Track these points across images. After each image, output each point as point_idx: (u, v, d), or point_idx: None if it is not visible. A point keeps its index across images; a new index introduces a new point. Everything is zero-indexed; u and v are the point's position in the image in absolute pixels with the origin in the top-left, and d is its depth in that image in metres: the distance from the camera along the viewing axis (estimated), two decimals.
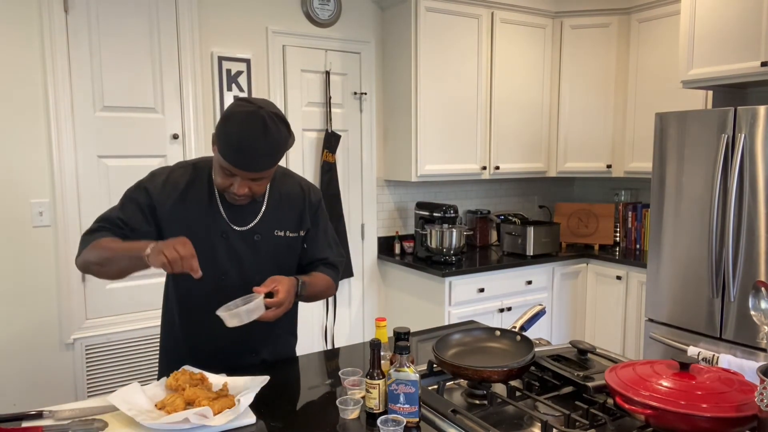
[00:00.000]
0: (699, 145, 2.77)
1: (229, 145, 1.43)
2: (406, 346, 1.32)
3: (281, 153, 1.49)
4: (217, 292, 1.59)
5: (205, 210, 1.60)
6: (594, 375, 1.47)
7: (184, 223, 1.58)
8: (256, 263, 1.64)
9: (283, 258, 1.69)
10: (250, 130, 1.42)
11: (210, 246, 1.59)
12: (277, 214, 1.66)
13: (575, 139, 3.91)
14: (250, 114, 1.43)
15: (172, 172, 1.63)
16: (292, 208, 1.69)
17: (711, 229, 2.71)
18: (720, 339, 2.72)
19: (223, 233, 1.61)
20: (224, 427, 1.30)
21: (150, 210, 1.59)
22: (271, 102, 1.52)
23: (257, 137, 1.42)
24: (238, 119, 1.43)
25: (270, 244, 1.65)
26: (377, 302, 3.77)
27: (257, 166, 1.46)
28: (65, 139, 2.74)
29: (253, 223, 1.63)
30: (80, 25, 2.74)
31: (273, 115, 1.45)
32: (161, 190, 1.59)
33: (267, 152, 1.45)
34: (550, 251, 3.68)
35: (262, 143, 1.43)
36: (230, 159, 1.44)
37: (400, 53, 3.47)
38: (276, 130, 1.45)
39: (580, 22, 3.81)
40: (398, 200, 3.82)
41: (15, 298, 2.70)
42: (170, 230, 1.57)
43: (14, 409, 2.67)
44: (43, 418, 1.36)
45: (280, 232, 1.66)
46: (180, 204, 1.59)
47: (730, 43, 2.86)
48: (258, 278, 1.57)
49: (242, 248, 1.62)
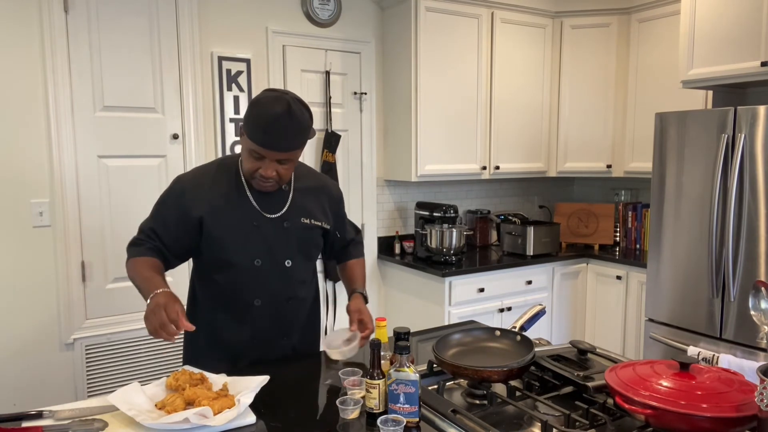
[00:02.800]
0: (699, 145, 2.77)
1: (258, 125, 1.53)
2: (406, 346, 1.32)
3: (306, 135, 1.59)
4: (251, 277, 1.70)
5: (236, 201, 1.68)
6: (594, 375, 1.47)
7: (218, 216, 1.66)
8: (285, 249, 1.72)
9: (309, 244, 1.79)
10: (277, 111, 1.52)
11: (243, 234, 1.67)
12: (303, 203, 1.76)
13: (575, 139, 3.91)
14: (276, 98, 1.54)
15: (198, 171, 1.74)
16: (316, 200, 1.80)
17: (711, 229, 2.71)
18: (720, 339, 2.72)
19: (255, 221, 1.68)
20: (224, 427, 1.30)
21: (181, 216, 1.67)
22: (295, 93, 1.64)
23: (284, 118, 1.52)
24: (265, 102, 1.54)
25: (298, 231, 1.74)
26: (377, 302, 3.77)
27: (284, 145, 1.56)
28: (65, 139, 2.74)
29: (283, 210, 1.72)
30: (80, 25, 2.74)
31: (297, 100, 1.57)
32: (191, 188, 1.69)
33: (293, 132, 1.55)
34: (550, 251, 3.68)
35: (288, 123, 1.53)
36: (259, 139, 1.54)
37: (400, 53, 3.47)
38: (301, 113, 1.55)
39: (580, 22, 3.81)
40: (398, 200, 3.82)
41: (15, 298, 2.70)
42: (207, 224, 1.66)
43: (14, 409, 2.67)
44: (43, 418, 1.36)
45: (306, 220, 1.75)
46: (210, 198, 1.67)
47: (730, 43, 2.86)
48: (289, 263, 1.73)
49: (273, 235, 1.70)
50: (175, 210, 1.68)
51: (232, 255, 1.68)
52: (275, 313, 1.74)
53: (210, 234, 1.67)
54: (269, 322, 1.74)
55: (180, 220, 1.67)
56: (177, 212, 1.67)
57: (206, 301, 1.76)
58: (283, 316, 1.76)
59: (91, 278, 2.84)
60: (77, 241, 2.80)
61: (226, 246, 1.67)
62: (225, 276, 1.70)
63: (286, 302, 1.75)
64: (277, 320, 1.75)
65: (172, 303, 1.46)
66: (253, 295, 1.71)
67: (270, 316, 1.74)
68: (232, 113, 3.15)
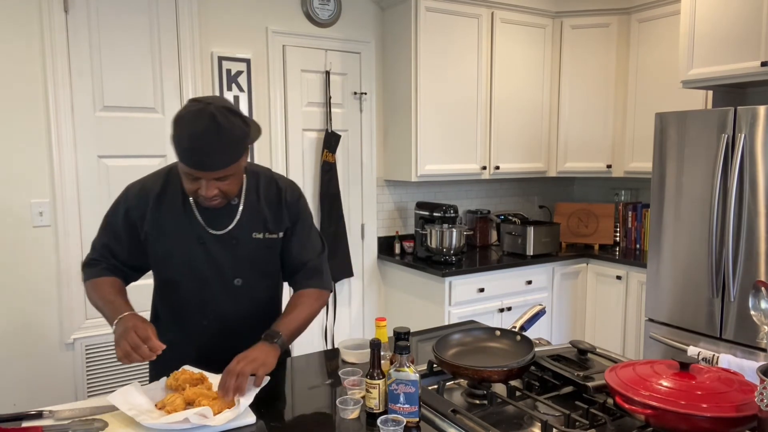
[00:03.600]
0: (699, 145, 2.77)
1: (183, 148, 1.39)
2: (406, 346, 1.32)
3: (240, 146, 1.44)
4: (198, 296, 1.61)
5: (181, 216, 1.58)
6: (594, 375, 1.47)
7: (162, 230, 1.58)
8: (235, 267, 1.61)
9: (263, 260, 1.65)
10: (200, 128, 1.37)
11: (188, 252, 1.58)
12: (254, 216, 1.62)
13: (575, 139, 3.91)
14: (197, 112, 1.38)
15: (145, 182, 1.62)
16: (270, 208, 1.64)
17: (711, 229, 2.71)
18: (720, 339, 2.72)
19: (200, 238, 1.58)
20: (224, 427, 1.30)
21: (129, 231, 1.60)
22: (222, 97, 1.49)
23: (209, 135, 1.37)
24: (186, 120, 1.39)
25: (249, 248, 1.61)
26: (377, 302, 3.77)
27: (215, 164, 1.40)
28: (65, 139, 2.74)
29: (231, 226, 1.59)
30: (80, 25, 2.74)
31: (223, 109, 1.40)
32: (136, 204, 1.59)
33: (222, 148, 1.39)
34: (550, 251, 3.68)
35: (215, 140, 1.38)
36: (187, 162, 1.40)
37: (400, 53, 3.47)
38: (228, 124, 1.39)
39: (580, 22, 3.81)
40: (398, 200, 3.82)
41: (15, 298, 2.70)
42: (151, 238, 1.59)
43: (14, 409, 2.67)
44: (43, 418, 1.36)
45: (258, 234, 1.62)
46: (156, 212, 1.58)
47: (730, 43, 2.86)
48: (240, 282, 1.61)
49: (221, 253, 1.59)
50: (124, 224, 1.60)
51: (177, 274, 1.60)
52: (227, 333, 1.62)
53: (155, 252, 1.60)
54: (219, 343, 1.60)
55: (130, 234, 1.60)
56: (126, 227, 1.60)
57: (164, 316, 1.70)
58: (236, 336, 1.59)
59: None
60: (77, 241, 2.80)
61: (171, 264, 1.60)
62: (173, 294, 1.63)
63: (240, 322, 1.63)
64: (230, 341, 1.58)
65: (141, 324, 1.41)
66: (200, 314, 1.62)
67: (221, 336, 1.62)
68: None
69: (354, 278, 3.64)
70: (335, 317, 3.59)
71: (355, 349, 1.74)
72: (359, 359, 1.72)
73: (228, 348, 1.57)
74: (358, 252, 3.66)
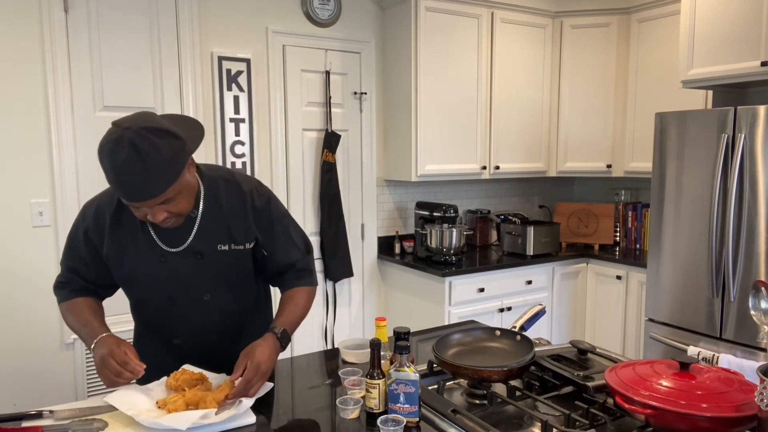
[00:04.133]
0: (699, 145, 2.77)
1: (111, 182, 1.29)
2: (406, 345, 1.32)
3: (174, 167, 1.30)
4: (167, 314, 1.57)
5: (138, 235, 1.50)
6: (594, 375, 1.47)
7: (122, 252, 1.51)
8: (204, 282, 1.53)
9: (233, 272, 1.57)
10: (121, 159, 1.25)
11: (151, 272, 1.50)
12: (216, 227, 1.52)
13: (575, 139, 3.91)
14: (116, 142, 1.26)
15: (100, 202, 1.54)
16: (234, 217, 1.53)
17: (711, 229, 2.71)
18: (720, 339, 2.72)
19: (161, 257, 1.50)
20: (224, 426, 1.30)
21: (91, 252, 1.55)
22: (147, 115, 1.32)
23: (132, 164, 1.25)
24: (107, 152, 1.27)
25: (215, 261, 1.52)
26: (377, 302, 3.77)
27: (149, 194, 1.29)
28: (65, 139, 2.74)
29: (188, 241, 1.49)
30: (80, 25, 2.74)
31: (143, 131, 1.26)
32: (94, 225, 1.52)
33: (151, 176, 1.27)
34: (550, 251, 3.68)
35: (140, 169, 1.25)
36: (120, 195, 1.31)
37: (400, 53, 3.47)
38: (151, 148, 1.25)
39: (580, 21, 3.81)
40: (398, 200, 3.82)
41: (15, 298, 2.70)
42: (112, 260, 1.53)
43: (14, 409, 2.67)
44: (43, 418, 1.36)
45: (224, 246, 1.52)
46: (113, 234, 1.50)
47: (730, 43, 2.86)
48: (209, 297, 1.54)
49: (185, 269, 1.51)
50: (85, 246, 1.54)
51: (143, 293, 1.55)
52: (200, 349, 1.58)
53: (118, 274, 1.54)
54: (197, 359, 1.56)
55: (94, 255, 1.54)
56: (88, 249, 1.54)
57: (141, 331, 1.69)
58: (211, 350, 1.57)
59: None
60: None
61: (136, 285, 1.54)
62: (143, 313, 1.60)
63: (214, 336, 1.58)
64: (206, 356, 1.56)
65: (116, 349, 1.37)
66: (171, 333, 1.58)
67: (197, 353, 1.58)
68: (232, 113, 3.14)
69: (354, 278, 3.64)
70: (335, 317, 3.59)
71: (355, 349, 1.74)
72: (359, 359, 1.72)
73: (205, 361, 1.56)
74: (358, 252, 3.66)
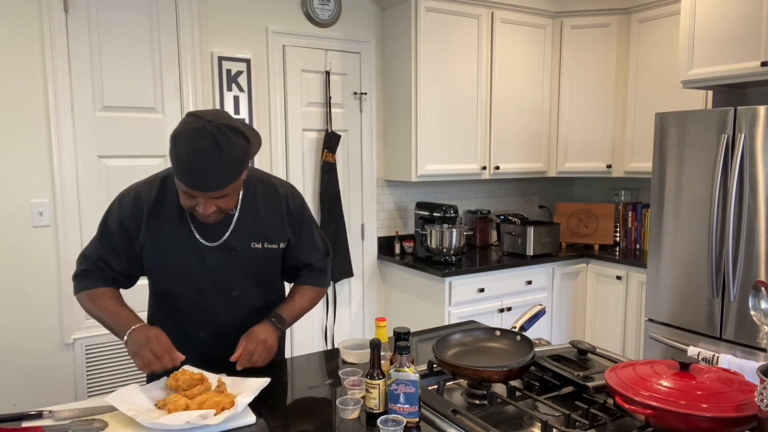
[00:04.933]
0: (699, 145, 2.77)
1: (181, 168, 1.35)
2: (406, 346, 1.32)
3: (240, 166, 1.39)
4: (195, 307, 1.61)
5: (177, 227, 1.54)
6: (594, 375, 1.47)
7: (158, 242, 1.55)
8: (233, 277, 1.59)
9: (263, 270, 1.64)
10: (200, 148, 1.32)
11: (184, 263, 1.56)
12: (252, 226, 1.59)
13: (575, 139, 3.91)
14: (197, 131, 1.33)
15: (139, 191, 1.57)
16: (270, 217, 1.61)
17: (711, 229, 2.71)
18: (720, 339, 2.72)
19: (196, 250, 1.55)
20: (224, 426, 1.30)
21: (125, 242, 1.57)
22: (223, 112, 1.42)
23: (208, 155, 1.32)
24: (185, 139, 1.33)
25: (247, 257, 1.59)
26: (377, 302, 3.77)
27: (215, 186, 1.36)
28: (65, 139, 2.74)
29: (225, 237, 1.56)
30: (80, 25, 2.74)
31: (224, 127, 1.35)
32: (131, 215, 1.55)
33: (222, 170, 1.35)
34: (550, 251, 3.68)
35: (215, 161, 1.33)
36: (185, 182, 1.36)
37: (400, 53, 3.47)
38: (228, 144, 1.34)
39: (580, 22, 3.81)
40: (398, 200, 3.82)
41: (15, 298, 2.70)
42: (147, 250, 1.56)
43: (14, 409, 2.67)
44: (43, 418, 1.36)
45: (257, 244, 1.59)
46: (151, 223, 1.54)
47: (730, 43, 2.86)
48: (237, 293, 1.60)
49: (218, 263, 1.57)
50: (119, 235, 1.56)
51: (173, 285, 1.59)
52: (223, 344, 1.60)
53: (151, 264, 1.58)
54: (218, 353, 1.60)
55: (127, 244, 1.57)
56: (121, 237, 1.56)
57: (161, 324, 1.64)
58: (233, 345, 1.58)
59: None
60: (77, 241, 2.80)
61: (168, 276, 1.58)
62: (169, 305, 1.62)
63: (237, 331, 1.60)
64: (226, 350, 1.58)
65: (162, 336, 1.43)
66: (197, 326, 1.62)
67: (218, 347, 1.61)
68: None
69: (354, 278, 3.64)
70: (335, 317, 3.59)
71: (354, 349, 1.74)
72: (359, 359, 1.72)
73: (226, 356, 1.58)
74: (358, 252, 3.66)
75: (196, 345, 1.63)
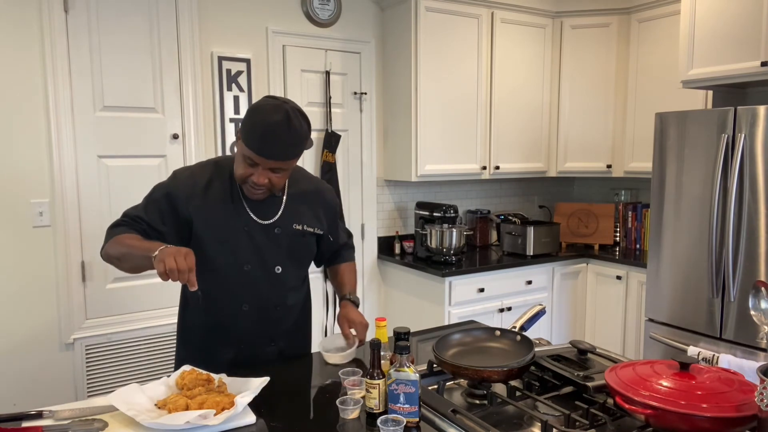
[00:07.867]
0: (699, 145, 2.77)
1: (254, 133, 1.52)
2: (406, 346, 1.32)
3: (302, 146, 1.59)
4: (240, 281, 1.69)
5: (229, 205, 1.67)
6: (594, 375, 1.47)
7: (209, 218, 1.66)
8: (276, 255, 1.72)
9: (300, 250, 1.78)
10: (275, 120, 1.51)
11: (234, 239, 1.67)
12: (295, 210, 1.76)
13: (575, 139, 3.91)
14: (276, 107, 1.53)
15: (194, 170, 1.72)
16: (309, 206, 1.79)
17: (711, 229, 2.71)
18: (720, 339, 2.72)
19: (246, 227, 1.68)
20: (224, 426, 1.30)
21: (171, 211, 1.65)
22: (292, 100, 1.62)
23: (281, 127, 1.51)
24: (264, 110, 1.53)
25: (289, 237, 1.74)
26: (377, 302, 3.77)
27: (279, 155, 1.54)
28: (65, 139, 2.74)
29: (276, 216, 1.72)
30: (80, 26, 2.74)
31: (297, 110, 1.56)
32: (184, 190, 1.66)
33: (289, 142, 1.54)
34: (550, 251, 3.68)
35: (285, 133, 1.52)
36: (254, 146, 1.53)
37: (400, 53, 3.47)
38: (299, 124, 1.55)
39: (580, 21, 3.81)
40: (398, 200, 3.82)
41: (15, 298, 2.70)
42: (197, 225, 1.65)
43: (14, 409, 2.67)
44: (43, 418, 1.36)
45: (298, 226, 1.75)
46: (203, 200, 1.66)
47: (730, 43, 2.86)
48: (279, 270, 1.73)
49: (263, 241, 1.70)
50: (167, 206, 1.65)
51: (221, 259, 1.67)
52: (263, 318, 1.73)
53: (200, 237, 1.65)
54: (257, 328, 1.73)
55: (170, 218, 1.65)
56: (168, 209, 1.65)
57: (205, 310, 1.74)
58: (270, 322, 1.75)
59: (91, 278, 2.84)
60: (77, 241, 2.80)
61: (216, 249, 1.66)
62: (213, 279, 1.68)
63: (275, 308, 1.75)
64: (264, 326, 1.74)
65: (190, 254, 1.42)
66: (241, 300, 1.70)
67: (257, 321, 1.73)
68: (232, 113, 3.15)
69: None
70: (335, 317, 3.58)
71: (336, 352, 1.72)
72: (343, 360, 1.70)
73: (260, 332, 1.74)
74: (358, 252, 3.66)
75: (237, 318, 1.71)
